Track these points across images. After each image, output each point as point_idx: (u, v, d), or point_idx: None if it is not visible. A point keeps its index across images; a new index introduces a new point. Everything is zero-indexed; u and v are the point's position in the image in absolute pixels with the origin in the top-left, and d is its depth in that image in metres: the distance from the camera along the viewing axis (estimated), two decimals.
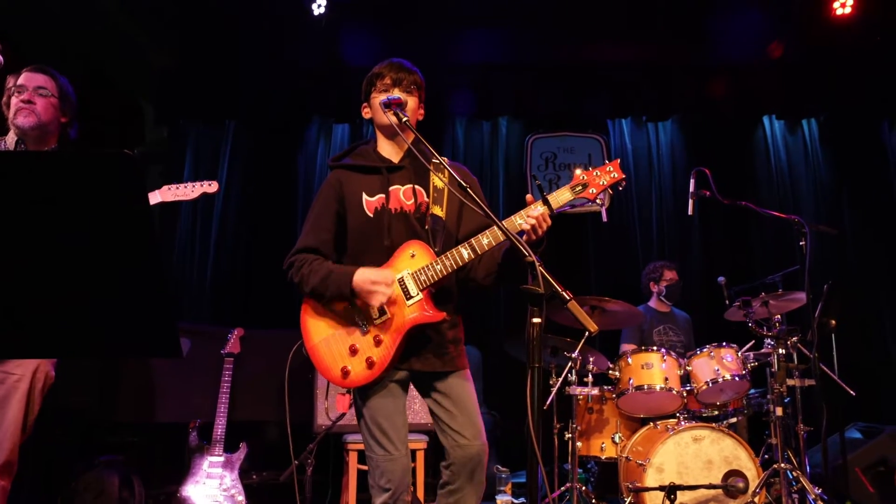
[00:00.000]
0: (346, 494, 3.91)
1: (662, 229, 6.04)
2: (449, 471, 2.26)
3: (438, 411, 2.29)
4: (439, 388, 2.29)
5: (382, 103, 2.26)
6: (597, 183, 2.19)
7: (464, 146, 6.10)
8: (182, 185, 2.54)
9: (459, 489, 2.24)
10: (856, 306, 5.47)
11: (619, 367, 3.98)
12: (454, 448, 2.24)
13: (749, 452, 3.56)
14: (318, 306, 2.30)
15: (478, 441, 2.24)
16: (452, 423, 2.25)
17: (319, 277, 2.23)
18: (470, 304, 5.50)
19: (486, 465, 2.26)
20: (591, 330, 1.65)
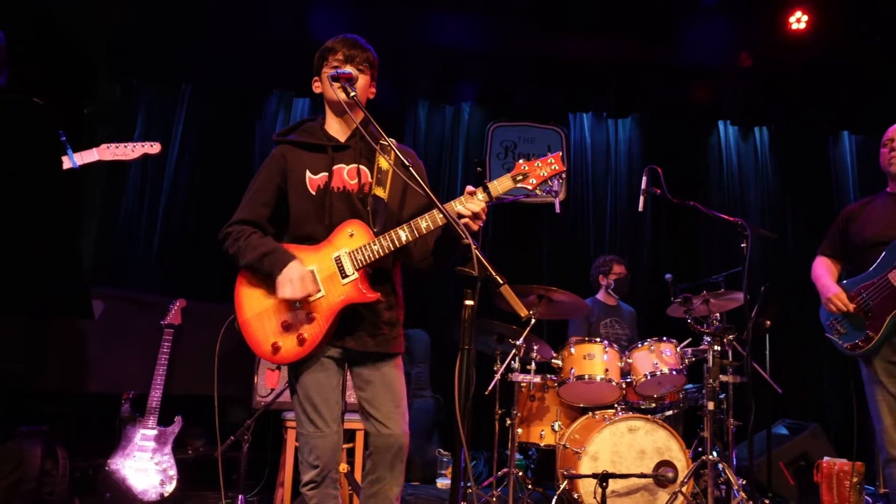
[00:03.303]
0: (284, 472, 3.89)
1: (615, 224, 6.14)
2: (371, 460, 2.29)
3: (365, 396, 2.31)
4: (368, 374, 2.30)
5: (330, 76, 2.23)
6: (537, 174, 2.21)
7: (425, 129, 6.08)
8: (122, 145, 2.47)
9: (380, 479, 2.27)
10: (791, 309, 5.65)
11: (562, 356, 4.04)
12: (376, 436, 2.27)
13: (680, 444, 3.65)
14: (253, 281, 2.29)
15: (399, 431, 2.27)
16: (376, 412, 2.28)
17: (258, 254, 2.22)
18: (419, 289, 5.56)
19: (406, 455, 2.28)
20: (521, 315, 1.66)
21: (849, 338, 2.98)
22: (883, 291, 2.84)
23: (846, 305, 2.94)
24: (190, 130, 5.63)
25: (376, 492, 2.27)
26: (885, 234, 2.93)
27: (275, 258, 2.20)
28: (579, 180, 6.19)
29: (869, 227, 3.02)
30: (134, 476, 3.58)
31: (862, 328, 2.92)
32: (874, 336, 2.87)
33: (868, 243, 2.99)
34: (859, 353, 2.94)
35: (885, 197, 3.09)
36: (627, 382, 3.97)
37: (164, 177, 5.50)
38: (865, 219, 3.07)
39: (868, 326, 2.90)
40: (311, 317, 2.20)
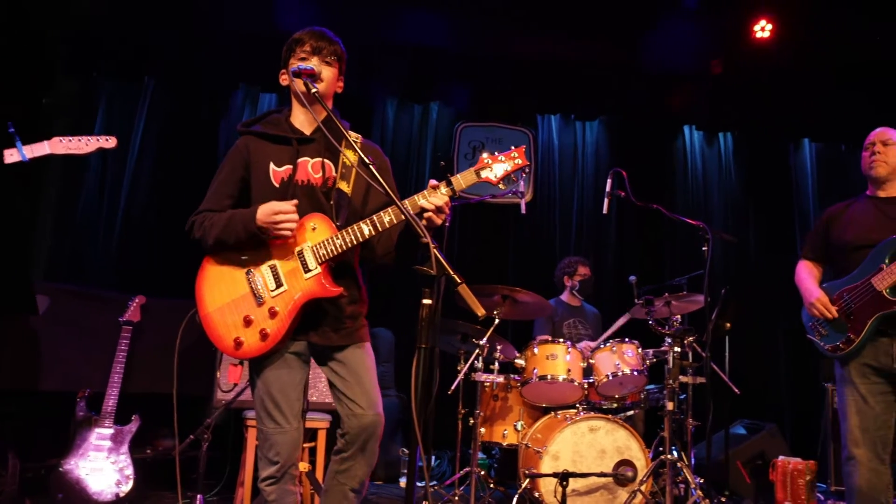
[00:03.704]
0: (244, 471, 3.84)
1: (581, 226, 6.19)
2: (343, 439, 2.26)
3: (335, 380, 2.29)
4: (337, 358, 2.29)
5: (292, 71, 2.21)
6: (501, 168, 2.21)
7: (393, 127, 6.06)
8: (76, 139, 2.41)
9: (351, 457, 2.25)
10: (751, 312, 5.77)
11: (525, 356, 4.06)
12: (349, 417, 2.24)
13: (640, 444, 3.70)
14: (215, 275, 2.26)
15: (372, 411, 2.24)
16: (348, 391, 2.26)
17: (222, 225, 2.21)
18: (385, 287, 5.54)
19: (380, 436, 2.26)
20: (478, 314, 1.67)
21: (830, 340, 3.01)
22: (865, 295, 2.88)
23: (829, 311, 2.97)
24: (152, 125, 5.51)
25: (346, 469, 2.25)
26: (866, 237, 2.96)
27: (237, 219, 2.20)
28: (546, 182, 6.23)
29: (850, 230, 3.05)
30: (88, 476, 3.50)
31: (843, 331, 2.95)
32: (855, 339, 2.90)
33: (850, 246, 3.02)
34: (840, 354, 2.97)
35: (865, 200, 3.13)
36: (589, 383, 4.01)
37: (125, 171, 5.38)
38: (847, 221, 3.10)
39: (850, 329, 2.92)
40: (274, 311, 2.19)
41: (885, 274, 2.84)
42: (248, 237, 2.19)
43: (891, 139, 3.05)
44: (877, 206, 3.05)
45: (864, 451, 2.88)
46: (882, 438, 2.88)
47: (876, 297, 2.84)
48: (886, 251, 2.88)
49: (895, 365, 2.84)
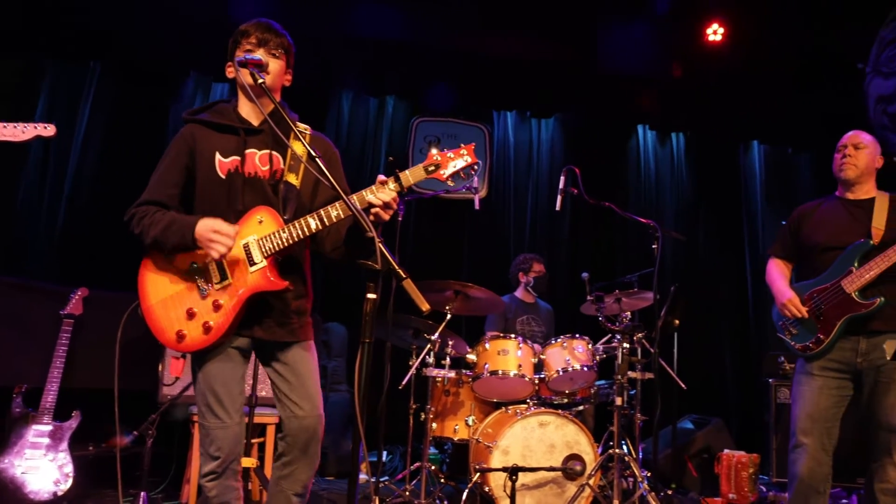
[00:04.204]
0: (191, 468, 3.77)
1: (535, 222, 6.24)
2: (284, 442, 2.24)
3: (277, 381, 2.27)
4: (280, 358, 2.26)
5: (237, 61, 2.16)
6: (449, 164, 2.20)
7: (349, 120, 6.01)
8: (11, 125, 2.30)
9: (293, 461, 2.23)
10: (700, 309, 5.90)
11: (476, 352, 4.07)
12: (290, 419, 2.23)
13: (589, 438, 3.74)
14: (159, 266, 2.22)
15: (314, 413, 2.23)
16: (291, 393, 2.24)
17: (161, 227, 2.16)
18: (338, 282, 5.50)
19: (321, 437, 2.25)
20: (422, 309, 1.66)
21: (800, 339, 3.06)
22: (835, 297, 2.94)
23: (800, 312, 3.02)
24: (98, 111, 5.32)
25: (288, 473, 2.23)
26: (837, 239, 3.01)
27: (179, 226, 2.14)
28: (501, 178, 6.26)
29: (821, 232, 3.09)
30: (25, 475, 3.37)
31: (813, 331, 3.00)
32: (825, 339, 2.96)
33: (820, 247, 3.06)
34: (809, 354, 3.03)
35: (835, 201, 3.17)
36: (540, 378, 4.04)
37: (68, 159, 5.19)
38: (817, 222, 3.14)
39: (819, 330, 2.97)
40: (218, 304, 2.15)
41: (854, 277, 2.91)
42: (183, 245, 2.14)
43: (862, 142, 3.09)
44: (846, 207, 3.09)
45: (811, 441, 2.95)
46: (829, 431, 2.96)
47: (845, 299, 2.91)
48: (856, 254, 2.94)
49: (858, 360, 2.91)
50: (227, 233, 2.10)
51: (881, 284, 2.88)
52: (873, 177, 3.11)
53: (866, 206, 3.03)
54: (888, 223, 2.93)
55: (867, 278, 2.87)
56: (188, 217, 2.17)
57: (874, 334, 2.89)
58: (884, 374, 2.86)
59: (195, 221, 2.13)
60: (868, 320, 2.89)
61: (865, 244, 2.93)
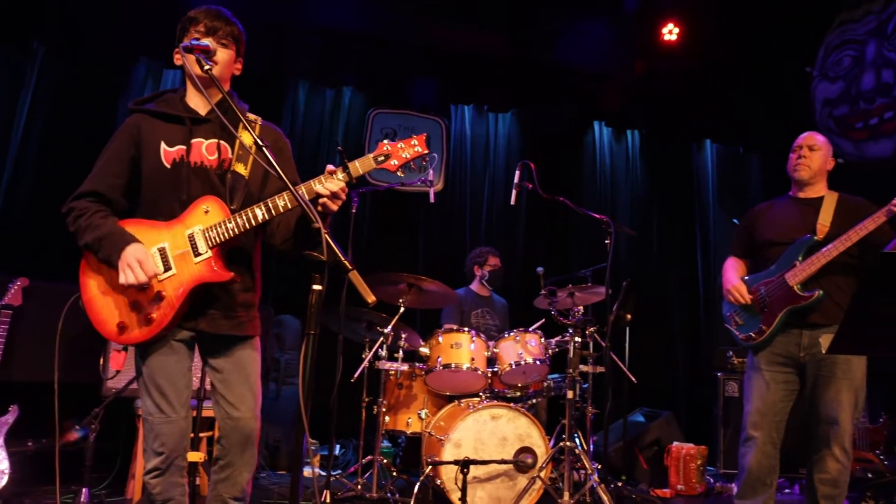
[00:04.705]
0: (136, 463, 3.69)
1: (491, 217, 6.26)
2: (220, 445, 2.21)
3: (216, 380, 2.23)
4: (223, 355, 2.22)
5: (183, 46, 2.10)
6: (399, 155, 2.18)
7: (304, 111, 5.93)
8: None
9: (230, 464, 2.20)
10: (652, 304, 6.00)
11: (429, 345, 4.06)
12: (225, 420, 2.20)
13: (541, 431, 3.77)
14: None
15: (250, 414, 2.21)
16: (227, 394, 2.20)
17: (96, 235, 2.10)
18: (292, 275, 5.42)
19: (258, 439, 2.22)
20: (368, 301, 1.64)
21: (745, 329, 3.15)
22: (779, 289, 3.03)
23: (743, 297, 3.11)
24: (42, 97, 5.08)
25: (226, 477, 2.20)
26: (785, 235, 3.10)
27: (112, 241, 2.08)
28: (457, 172, 6.26)
29: (771, 228, 3.19)
30: None
31: (757, 321, 3.09)
32: (767, 330, 3.05)
33: (769, 243, 3.16)
34: (752, 343, 3.11)
35: (787, 200, 3.27)
36: (493, 371, 4.05)
37: (8, 146, 4.95)
38: (769, 220, 3.24)
39: (762, 321, 3.07)
40: (161, 296, 2.10)
41: (797, 270, 2.99)
42: (108, 264, 2.09)
43: (816, 144, 3.17)
44: (797, 205, 3.19)
45: (760, 434, 3.04)
46: (777, 424, 3.05)
47: (788, 291, 3.00)
48: (800, 249, 3.03)
49: (801, 354, 3.00)
50: (147, 270, 2.05)
51: (822, 278, 2.96)
52: (825, 177, 3.21)
53: (815, 204, 3.12)
54: (834, 220, 3.02)
55: (809, 272, 2.96)
56: (125, 236, 2.11)
57: (814, 328, 2.98)
58: (824, 369, 2.95)
59: (126, 245, 2.08)
60: (808, 313, 2.98)
61: (810, 240, 3.02)
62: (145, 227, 2.15)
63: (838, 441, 2.88)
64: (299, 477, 1.61)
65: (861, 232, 2.86)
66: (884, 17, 5.35)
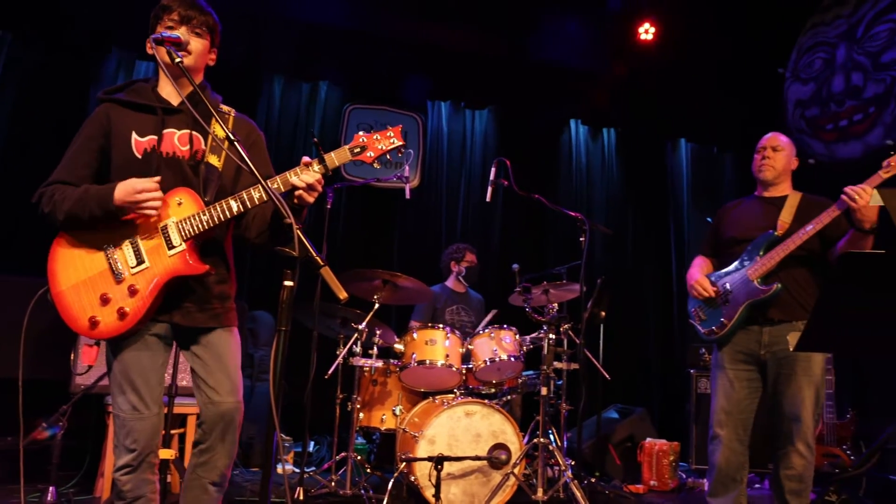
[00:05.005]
0: (105, 461, 3.63)
1: (467, 213, 6.26)
2: (201, 429, 2.19)
3: (196, 364, 2.21)
4: (201, 342, 2.20)
5: (154, 38, 2.07)
6: (375, 147, 2.18)
7: (280, 104, 5.87)
8: None
9: (210, 448, 2.17)
10: (627, 301, 6.05)
11: (404, 341, 4.06)
12: (206, 405, 2.17)
13: (515, 427, 3.78)
14: (70, 249, 2.12)
15: (231, 398, 2.18)
16: (209, 378, 2.18)
17: (75, 198, 2.06)
18: (266, 270, 5.37)
19: (239, 424, 2.20)
20: (340, 297, 1.63)
21: (707, 324, 3.21)
22: (740, 283, 3.09)
23: (707, 291, 3.16)
24: (8, 87, 4.95)
25: (205, 461, 2.17)
26: (748, 233, 3.17)
27: (94, 194, 2.06)
28: (434, 168, 6.25)
29: (735, 227, 3.25)
30: None
31: (719, 316, 3.15)
32: (728, 323, 3.10)
33: (734, 240, 3.22)
34: (714, 338, 3.17)
35: (752, 199, 3.34)
36: (468, 368, 4.06)
37: None
38: (734, 219, 3.30)
39: (724, 315, 3.12)
40: (134, 289, 2.06)
41: (758, 265, 3.05)
42: (103, 214, 2.05)
43: (780, 145, 3.24)
44: (761, 204, 3.25)
45: (726, 432, 3.09)
46: (743, 421, 3.10)
47: (749, 285, 3.06)
48: (762, 244, 3.09)
49: (762, 352, 3.05)
50: (151, 187, 2.04)
51: (781, 272, 3.02)
52: (789, 177, 3.27)
53: (779, 203, 3.18)
54: (795, 217, 3.09)
55: (769, 266, 3.02)
56: (102, 186, 2.09)
57: (774, 324, 3.04)
58: (785, 367, 3.00)
59: (112, 187, 2.05)
60: (767, 308, 3.04)
61: (771, 235, 3.08)
62: (115, 220, 2.10)
63: (802, 437, 2.93)
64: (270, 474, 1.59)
65: (817, 226, 2.94)
66: (853, 21, 5.44)
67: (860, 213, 2.80)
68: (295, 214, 2.12)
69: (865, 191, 2.79)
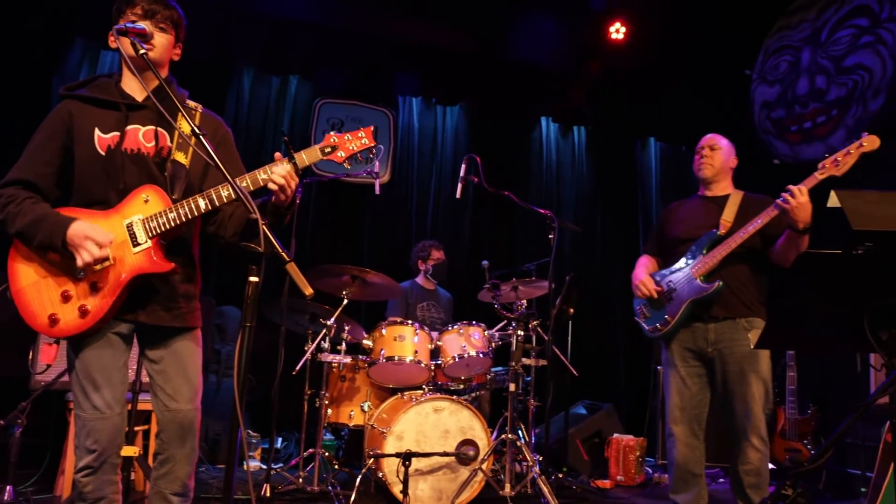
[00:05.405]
0: (66, 459, 3.56)
1: (438, 210, 6.26)
2: (160, 439, 2.15)
3: (154, 373, 2.17)
4: (162, 346, 2.16)
5: (117, 29, 2.02)
6: (346, 147, 2.16)
7: (249, 98, 5.79)
8: None
9: (170, 458, 2.14)
10: (595, 298, 6.11)
11: (373, 337, 4.05)
12: (163, 413, 2.14)
13: (483, 424, 3.80)
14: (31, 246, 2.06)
15: (190, 406, 2.15)
16: (167, 385, 2.14)
17: (30, 219, 2.00)
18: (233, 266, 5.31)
19: (198, 429, 2.17)
20: (305, 293, 1.62)
21: (651, 321, 3.27)
22: (684, 282, 3.15)
23: (650, 290, 3.21)
24: None
25: (166, 472, 2.14)
26: (691, 232, 3.23)
27: (51, 223, 1.99)
28: (405, 164, 6.23)
29: (679, 226, 3.32)
30: None
31: (662, 313, 3.21)
32: (671, 321, 3.16)
33: (678, 240, 3.28)
34: (659, 335, 3.23)
35: (696, 199, 3.41)
36: (436, 364, 4.06)
37: None
38: (678, 218, 3.37)
39: (668, 312, 3.19)
40: (97, 287, 2.02)
41: (700, 263, 3.12)
42: (49, 245, 2.00)
43: (717, 144, 3.33)
44: (703, 204, 3.33)
45: (681, 429, 3.16)
46: (697, 417, 3.17)
47: (692, 283, 3.12)
48: (705, 243, 3.16)
49: (709, 349, 3.11)
50: (101, 241, 1.98)
51: (723, 270, 3.09)
52: (729, 175, 3.35)
53: (721, 201, 3.26)
54: (737, 216, 3.15)
55: (711, 264, 3.08)
56: (63, 216, 2.02)
57: (718, 321, 3.11)
58: (732, 364, 3.07)
59: (70, 222, 1.99)
60: (711, 306, 3.10)
61: (714, 234, 3.15)
62: (80, 217, 2.06)
63: (755, 431, 3.00)
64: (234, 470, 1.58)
65: (757, 225, 3.00)
66: (818, 25, 5.55)
67: (794, 214, 2.87)
68: (278, 218, 2.10)
69: (801, 192, 2.87)
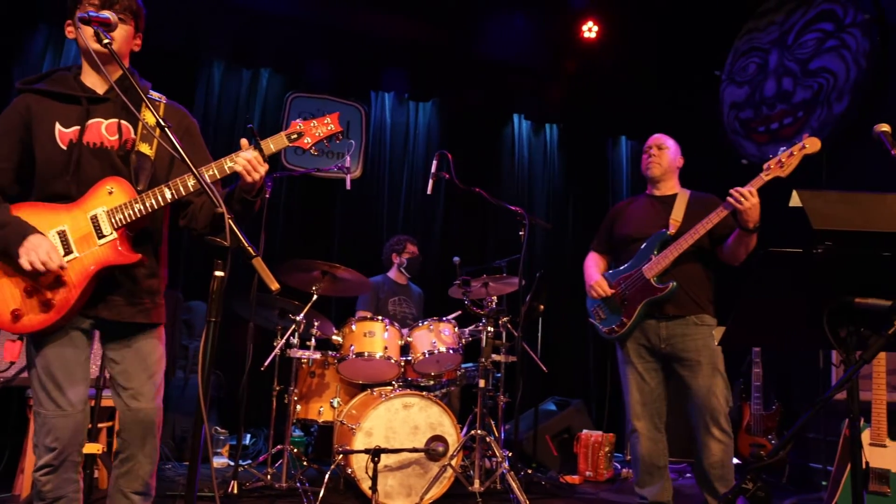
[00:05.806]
0: (26, 457, 3.48)
1: (409, 206, 6.24)
2: (121, 438, 2.12)
3: (116, 372, 2.13)
4: (124, 344, 2.13)
5: (79, 17, 1.96)
6: (312, 133, 2.14)
7: (220, 91, 5.71)
8: None
9: (131, 457, 2.11)
10: (566, 295, 6.15)
11: (343, 333, 4.03)
12: (125, 412, 2.11)
13: (452, 420, 3.80)
14: None
15: (151, 405, 2.13)
16: (128, 383, 2.11)
17: None
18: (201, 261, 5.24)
19: (159, 427, 2.15)
20: (272, 288, 1.60)
21: (607, 322, 3.30)
22: (637, 282, 3.18)
23: (605, 291, 3.24)
24: None
25: (127, 471, 2.11)
26: (642, 231, 3.27)
27: (7, 232, 1.95)
28: (377, 159, 6.20)
29: (629, 225, 3.35)
30: None
31: (618, 314, 3.24)
32: (627, 322, 3.20)
33: (628, 239, 3.32)
34: (615, 336, 3.26)
35: (644, 198, 3.45)
36: (406, 360, 4.05)
37: None
38: (627, 217, 3.40)
39: (623, 313, 3.22)
40: (62, 281, 1.97)
41: (652, 264, 3.16)
42: (4, 253, 1.96)
43: (664, 144, 3.39)
44: (652, 203, 3.38)
45: (643, 423, 3.21)
46: (658, 410, 3.23)
47: (645, 284, 3.16)
48: (655, 243, 3.20)
49: (662, 346, 3.17)
50: (51, 260, 1.93)
51: (675, 270, 3.14)
52: (676, 175, 3.41)
53: (669, 201, 3.31)
54: (685, 216, 3.21)
55: (663, 265, 3.13)
56: (16, 226, 1.97)
57: (670, 319, 3.15)
58: (687, 360, 3.12)
59: (28, 231, 1.95)
60: (664, 305, 3.15)
61: (664, 234, 3.19)
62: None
63: (716, 424, 3.05)
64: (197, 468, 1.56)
65: (707, 225, 3.05)
66: (785, 28, 5.65)
67: (745, 214, 2.92)
68: (247, 205, 2.07)
69: (752, 193, 2.92)
